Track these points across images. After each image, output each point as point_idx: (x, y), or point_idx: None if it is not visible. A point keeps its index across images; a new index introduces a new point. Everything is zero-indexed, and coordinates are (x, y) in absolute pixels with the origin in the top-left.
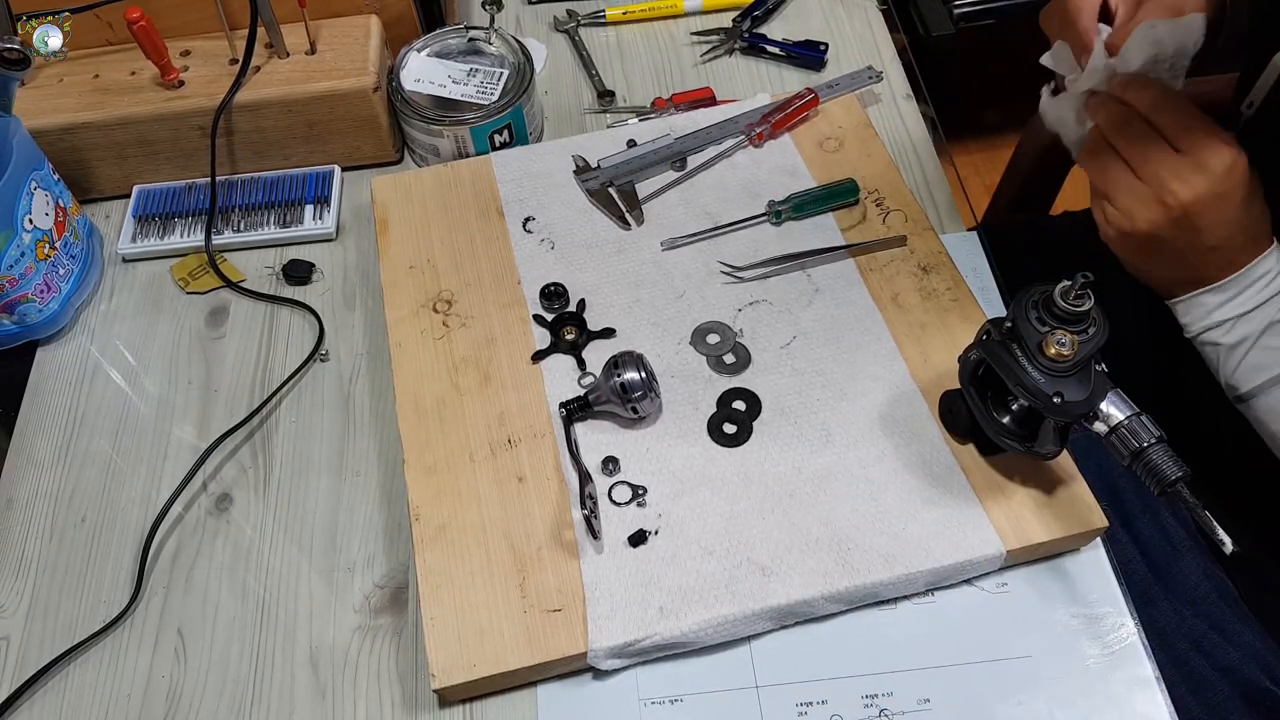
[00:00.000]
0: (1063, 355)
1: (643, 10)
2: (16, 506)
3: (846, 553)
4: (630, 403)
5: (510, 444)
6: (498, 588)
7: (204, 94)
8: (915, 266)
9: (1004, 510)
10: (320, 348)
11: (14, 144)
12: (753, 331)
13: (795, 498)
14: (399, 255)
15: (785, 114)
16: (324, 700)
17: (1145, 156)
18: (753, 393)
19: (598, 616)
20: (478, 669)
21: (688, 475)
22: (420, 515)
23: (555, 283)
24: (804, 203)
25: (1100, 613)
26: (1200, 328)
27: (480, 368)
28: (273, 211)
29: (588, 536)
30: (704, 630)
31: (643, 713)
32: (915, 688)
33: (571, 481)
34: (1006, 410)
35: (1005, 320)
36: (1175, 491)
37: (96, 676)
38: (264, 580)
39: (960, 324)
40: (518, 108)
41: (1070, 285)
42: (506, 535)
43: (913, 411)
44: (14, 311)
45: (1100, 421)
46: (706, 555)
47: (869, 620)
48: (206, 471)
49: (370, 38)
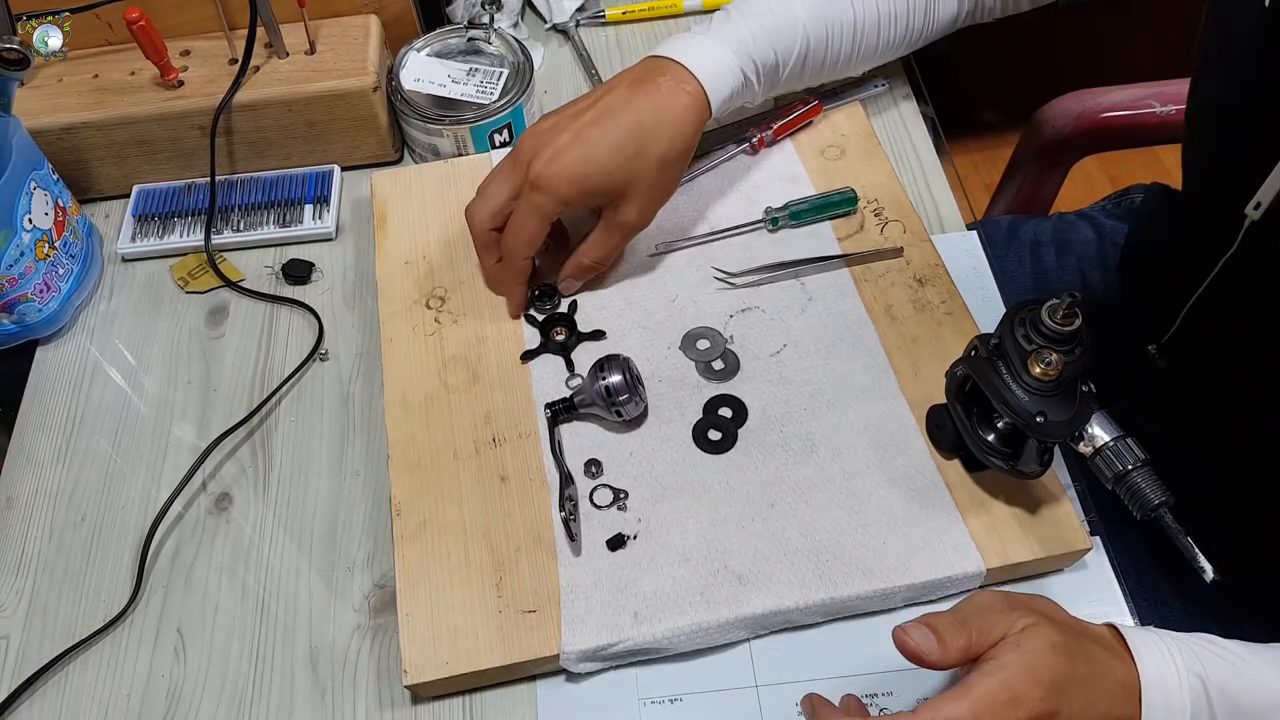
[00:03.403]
0: (1048, 374)
1: (642, 10)
2: (16, 506)
3: (825, 564)
4: (614, 406)
5: (495, 443)
6: (474, 587)
7: (203, 94)
8: (911, 278)
9: (987, 528)
10: (320, 347)
11: (13, 144)
12: (743, 338)
13: (776, 507)
14: (395, 250)
15: (787, 120)
16: (324, 700)
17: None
18: (740, 400)
19: (572, 619)
20: (450, 667)
21: (670, 480)
22: (401, 511)
23: (548, 284)
24: (801, 210)
25: (1102, 612)
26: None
27: (469, 366)
28: (272, 211)
29: (565, 539)
30: (678, 637)
31: (642, 712)
32: (915, 688)
33: (553, 483)
34: (991, 427)
35: (993, 336)
36: (1158, 516)
37: (96, 676)
38: (264, 580)
39: (953, 338)
40: (518, 107)
41: (1058, 304)
42: (486, 534)
43: (900, 425)
44: (13, 311)
45: (1085, 443)
46: (684, 561)
47: (870, 620)
48: (206, 471)
49: (370, 37)
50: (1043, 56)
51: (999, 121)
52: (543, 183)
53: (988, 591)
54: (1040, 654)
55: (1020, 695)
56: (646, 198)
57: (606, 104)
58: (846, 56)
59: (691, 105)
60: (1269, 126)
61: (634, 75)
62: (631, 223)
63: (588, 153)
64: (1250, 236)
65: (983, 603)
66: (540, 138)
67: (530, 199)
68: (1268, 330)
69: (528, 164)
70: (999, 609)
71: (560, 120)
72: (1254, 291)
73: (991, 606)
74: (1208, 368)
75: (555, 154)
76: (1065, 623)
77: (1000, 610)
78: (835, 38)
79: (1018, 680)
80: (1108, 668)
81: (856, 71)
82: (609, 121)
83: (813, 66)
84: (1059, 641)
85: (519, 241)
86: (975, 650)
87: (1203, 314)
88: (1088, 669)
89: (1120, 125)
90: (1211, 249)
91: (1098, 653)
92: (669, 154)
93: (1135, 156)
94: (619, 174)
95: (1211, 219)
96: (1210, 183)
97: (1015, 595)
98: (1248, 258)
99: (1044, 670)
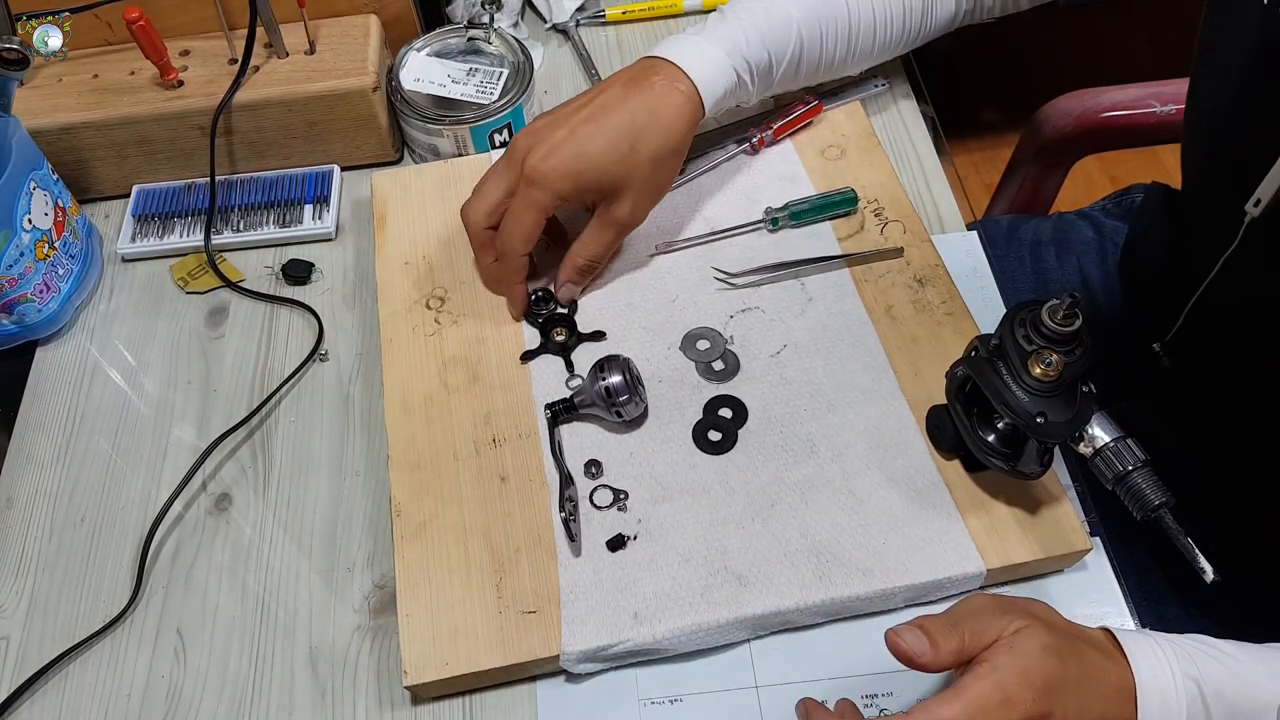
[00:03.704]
0: (1048, 375)
1: (642, 10)
2: (16, 506)
3: (824, 565)
4: (614, 407)
5: (495, 444)
6: (474, 587)
7: (203, 94)
8: (911, 278)
9: (987, 529)
10: (320, 347)
11: (13, 144)
12: (743, 339)
13: (776, 508)
14: (395, 251)
15: (788, 120)
16: (324, 700)
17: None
18: (740, 400)
19: (572, 620)
20: (450, 667)
21: (670, 481)
22: (401, 511)
23: (545, 288)
24: (801, 210)
25: (1102, 613)
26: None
27: (469, 366)
28: (272, 211)
29: (565, 539)
30: (678, 637)
31: (642, 712)
32: (915, 688)
33: (553, 483)
34: (992, 428)
35: (993, 337)
36: (1158, 517)
37: (96, 676)
38: (264, 580)
39: (953, 338)
40: (518, 107)
41: (1058, 304)
42: (486, 535)
43: (900, 425)
44: (13, 311)
45: (1085, 443)
46: (684, 562)
47: (870, 621)
48: (206, 471)
49: (370, 37)
50: (1043, 56)
51: (999, 121)
52: (538, 177)
53: (981, 594)
54: (1033, 655)
55: (1013, 697)
56: (640, 194)
57: (601, 102)
58: (842, 56)
59: (685, 104)
60: (1268, 124)
61: (628, 75)
62: (625, 219)
63: (582, 148)
64: (1250, 233)
65: (976, 605)
66: (535, 135)
67: (526, 194)
68: (1268, 328)
69: (522, 160)
70: (992, 611)
71: (555, 118)
72: (1255, 288)
73: (985, 609)
74: (1211, 366)
75: (550, 149)
76: (1058, 625)
77: (993, 612)
78: (830, 37)
79: (1010, 682)
80: (1102, 670)
81: (854, 71)
82: (604, 119)
83: (808, 66)
84: (1051, 644)
85: (515, 238)
86: (968, 652)
87: (1205, 312)
88: (1081, 671)
89: (1120, 125)
90: (1212, 246)
91: (1091, 655)
92: (662, 151)
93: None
94: (613, 170)
95: (1212, 216)
96: (1210, 180)
97: (1009, 598)
98: (1248, 255)
99: (1036, 672)
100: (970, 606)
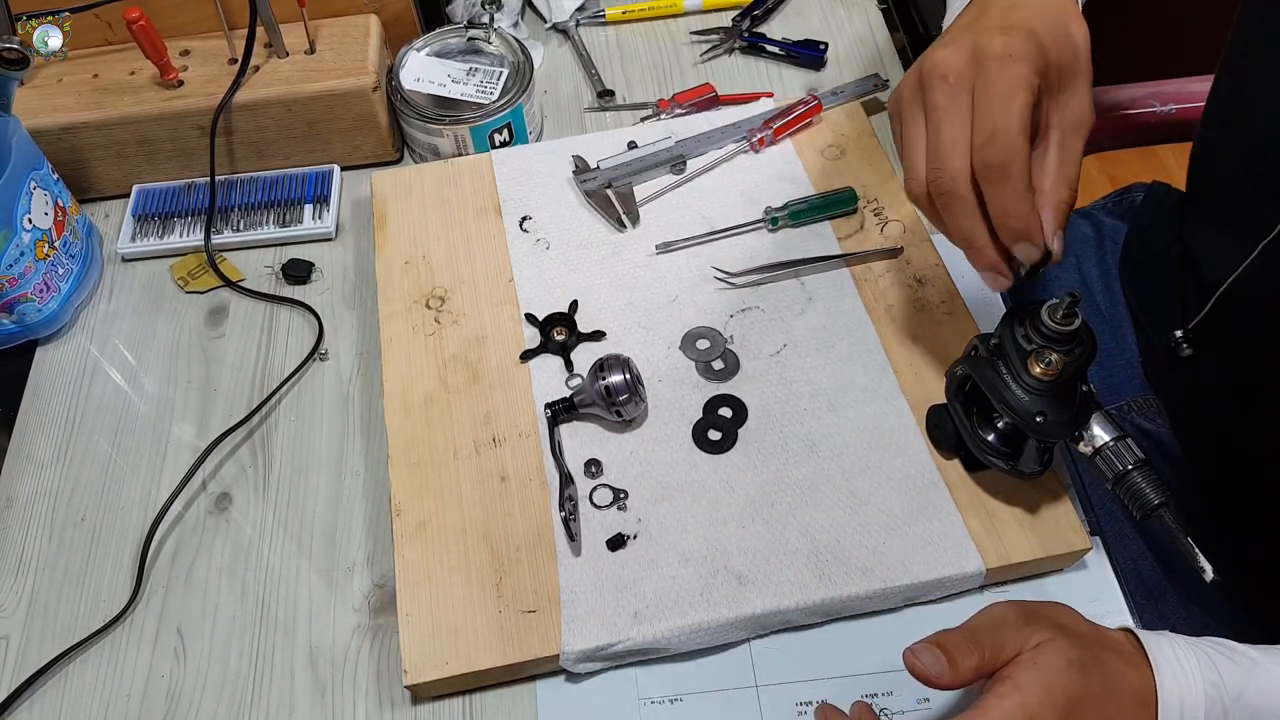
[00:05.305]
0: (1048, 374)
1: (642, 10)
2: (16, 505)
3: (824, 564)
4: (614, 406)
5: (495, 443)
6: (474, 587)
7: (203, 94)
8: (910, 278)
9: (986, 528)
10: (320, 347)
11: (13, 144)
12: (743, 338)
13: (776, 507)
14: (395, 250)
15: (787, 120)
16: (324, 700)
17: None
18: (740, 400)
19: (572, 619)
20: (450, 667)
21: (670, 480)
22: (402, 511)
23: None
24: (801, 210)
25: (1102, 612)
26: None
27: (469, 365)
28: (272, 211)
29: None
30: (678, 637)
31: (642, 712)
32: (915, 687)
33: (553, 483)
34: (991, 427)
35: (992, 336)
36: (1158, 516)
37: (96, 676)
38: (264, 580)
39: (953, 337)
40: (518, 107)
41: (1058, 304)
42: (486, 535)
43: (899, 424)
44: (13, 311)
45: (1085, 443)
46: (684, 561)
47: (870, 620)
48: (206, 471)
49: (370, 37)
50: None
51: None
52: (1012, 49)
53: (1002, 604)
54: (1057, 672)
55: (1037, 717)
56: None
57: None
58: None
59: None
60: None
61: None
62: (1085, 116)
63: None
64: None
65: (996, 617)
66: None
67: (1002, 75)
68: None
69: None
70: (1013, 623)
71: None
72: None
73: (1005, 621)
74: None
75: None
76: (1082, 634)
77: (1015, 625)
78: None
79: (1033, 701)
80: (1125, 680)
81: None
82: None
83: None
84: (1076, 658)
85: (1013, 130)
86: (989, 668)
87: (1235, 299)
88: (1104, 684)
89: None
90: (1248, 235)
91: (1115, 665)
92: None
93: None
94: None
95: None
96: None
97: (1031, 606)
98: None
99: (1060, 690)
100: (990, 618)
